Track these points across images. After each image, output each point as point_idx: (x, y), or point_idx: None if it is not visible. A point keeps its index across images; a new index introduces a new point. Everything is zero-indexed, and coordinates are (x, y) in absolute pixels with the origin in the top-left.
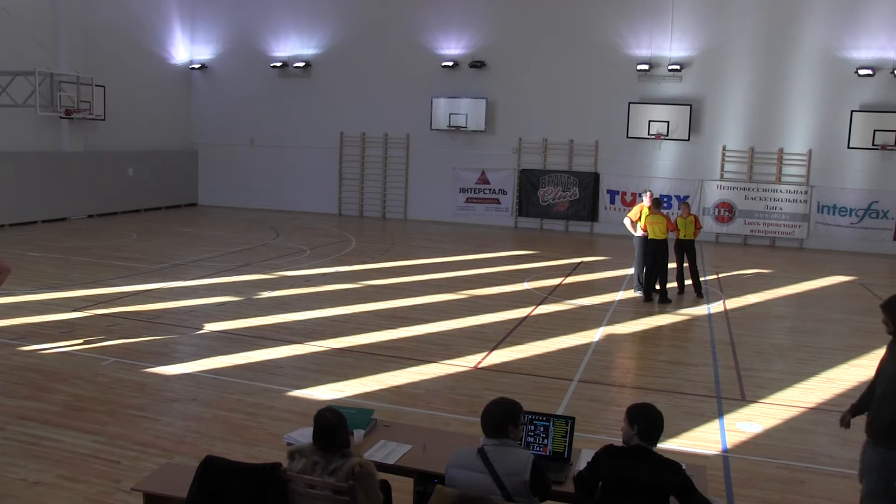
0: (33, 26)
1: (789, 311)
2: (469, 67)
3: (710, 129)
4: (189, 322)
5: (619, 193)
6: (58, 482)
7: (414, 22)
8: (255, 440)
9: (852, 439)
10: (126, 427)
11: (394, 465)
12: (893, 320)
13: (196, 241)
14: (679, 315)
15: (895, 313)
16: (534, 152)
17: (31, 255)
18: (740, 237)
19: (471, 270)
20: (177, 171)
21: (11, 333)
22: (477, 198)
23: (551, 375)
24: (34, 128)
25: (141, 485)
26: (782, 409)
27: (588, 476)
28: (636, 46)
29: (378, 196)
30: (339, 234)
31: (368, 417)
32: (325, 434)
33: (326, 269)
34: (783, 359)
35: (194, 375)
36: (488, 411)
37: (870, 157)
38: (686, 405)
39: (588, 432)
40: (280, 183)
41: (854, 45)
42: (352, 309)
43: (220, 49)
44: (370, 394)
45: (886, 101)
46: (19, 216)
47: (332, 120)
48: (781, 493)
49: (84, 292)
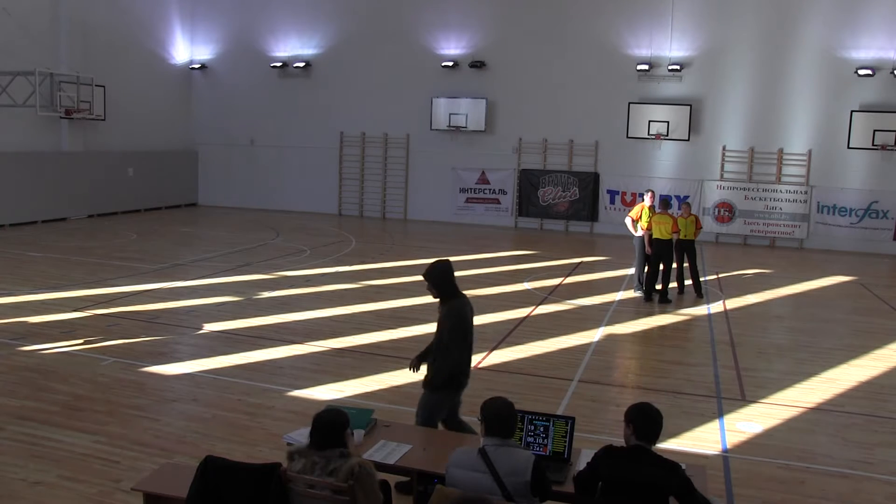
0: (33, 26)
1: (789, 311)
2: (469, 67)
3: (710, 129)
4: (189, 322)
5: (619, 193)
6: (58, 482)
7: (414, 22)
8: (255, 440)
9: (852, 439)
10: (126, 427)
11: (394, 465)
12: (434, 285)
13: (196, 241)
14: (679, 315)
15: (432, 279)
16: (534, 152)
17: (31, 255)
18: (740, 237)
19: (471, 270)
20: (177, 171)
21: (11, 333)
22: (477, 198)
23: (551, 375)
24: (34, 128)
25: (141, 485)
26: (782, 409)
27: (588, 476)
28: (636, 46)
29: (378, 196)
30: (339, 234)
31: (368, 417)
32: (316, 431)
33: (326, 269)
34: (783, 359)
35: (194, 375)
36: (496, 408)
37: (870, 157)
38: (686, 405)
39: (588, 432)
40: (280, 183)
41: (854, 45)
42: (352, 309)
43: (220, 49)
44: (370, 394)
45: (886, 101)
46: (19, 216)
47: (332, 120)
48: (781, 493)
49: (84, 292)
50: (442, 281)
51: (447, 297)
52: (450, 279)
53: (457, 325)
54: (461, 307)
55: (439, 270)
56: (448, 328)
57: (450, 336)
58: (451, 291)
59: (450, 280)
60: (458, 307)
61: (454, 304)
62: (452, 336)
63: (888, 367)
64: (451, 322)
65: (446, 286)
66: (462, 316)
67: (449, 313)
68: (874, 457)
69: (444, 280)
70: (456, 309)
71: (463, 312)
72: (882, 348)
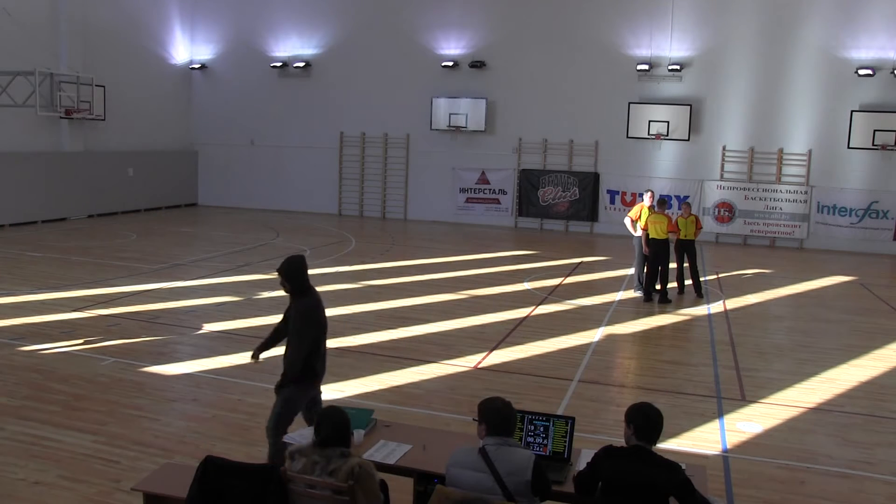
0: (33, 26)
1: (789, 311)
2: (469, 67)
3: (710, 129)
4: (189, 322)
5: (619, 193)
6: (58, 482)
7: (414, 22)
8: (255, 440)
9: (852, 439)
10: (126, 427)
11: (394, 465)
12: (287, 280)
13: (196, 241)
14: (679, 315)
15: (286, 274)
16: (534, 152)
17: (31, 255)
18: (740, 237)
19: (471, 270)
20: (177, 171)
21: (11, 333)
22: (477, 198)
23: (551, 375)
24: (34, 128)
25: (141, 485)
26: (782, 409)
27: (588, 476)
28: (636, 46)
29: (378, 196)
30: (339, 234)
31: (368, 417)
32: (325, 427)
33: (326, 269)
34: (783, 359)
35: (194, 375)
36: (496, 409)
37: (870, 157)
38: (686, 405)
39: (588, 432)
40: (280, 183)
41: (854, 45)
42: (352, 309)
43: (220, 49)
44: (370, 394)
45: (886, 101)
46: (19, 216)
47: (332, 120)
48: (781, 493)
49: (84, 292)
50: (295, 276)
51: (299, 292)
52: (303, 275)
53: (309, 322)
54: (313, 305)
55: (293, 265)
56: (300, 325)
57: (302, 332)
58: (303, 287)
59: (303, 275)
60: (311, 305)
61: (306, 303)
62: (305, 333)
63: (888, 367)
64: (304, 320)
65: (299, 281)
66: (313, 314)
67: (300, 311)
68: (874, 457)
69: (298, 275)
70: (307, 307)
71: (314, 310)
72: (882, 348)
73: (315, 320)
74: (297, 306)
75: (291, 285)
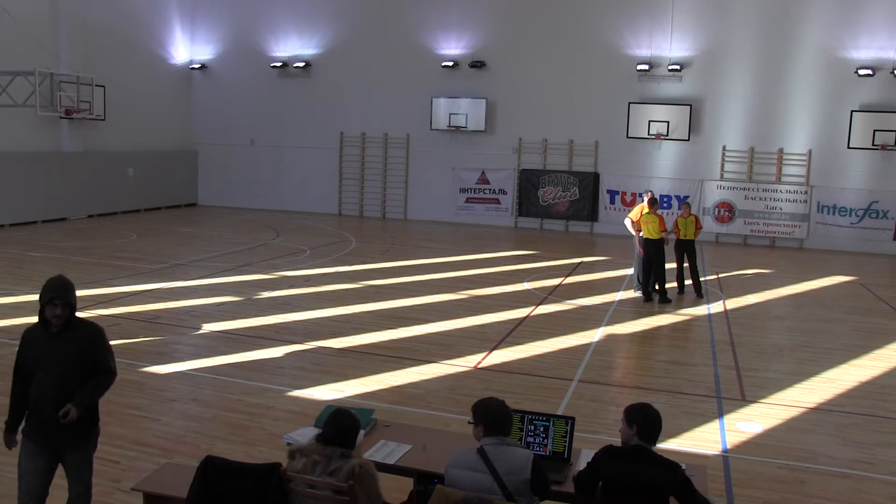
0: (33, 26)
1: (789, 311)
2: (469, 67)
3: (710, 129)
4: (189, 322)
5: (619, 193)
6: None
7: (414, 22)
8: (255, 440)
9: (852, 439)
10: (126, 427)
11: (394, 465)
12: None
13: (196, 241)
14: (679, 315)
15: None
16: (534, 152)
17: (31, 255)
18: (740, 237)
19: (471, 270)
20: (177, 171)
21: (11, 333)
22: (477, 198)
23: (551, 375)
24: (34, 128)
25: (141, 485)
26: (782, 409)
27: (588, 476)
28: (636, 46)
29: (378, 196)
30: (339, 234)
31: (368, 417)
32: (334, 427)
33: (326, 269)
34: (783, 359)
35: (194, 375)
36: (491, 409)
37: (870, 157)
38: (686, 405)
39: (588, 432)
40: (280, 183)
41: (854, 45)
42: (352, 309)
43: (220, 49)
44: (370, 394)
45: (886, 101)
46: (19, 216)
47: (332, 120)
48: (781, 493)
49: (84, 292)
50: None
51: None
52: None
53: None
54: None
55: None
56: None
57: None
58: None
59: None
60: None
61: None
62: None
63: (888, 367)
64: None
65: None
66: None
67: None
68: (874, 457)
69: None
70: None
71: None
72: (882, 348)
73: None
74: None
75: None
